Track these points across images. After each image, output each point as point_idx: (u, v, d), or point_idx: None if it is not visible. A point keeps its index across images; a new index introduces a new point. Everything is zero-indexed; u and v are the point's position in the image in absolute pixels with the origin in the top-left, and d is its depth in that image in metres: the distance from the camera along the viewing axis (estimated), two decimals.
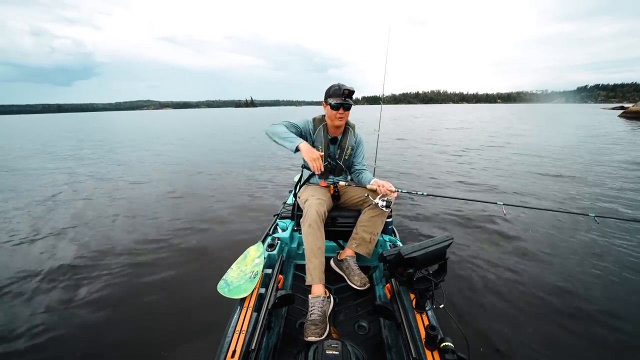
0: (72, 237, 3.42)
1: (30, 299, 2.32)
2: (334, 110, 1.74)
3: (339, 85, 1.73)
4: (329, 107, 1.76)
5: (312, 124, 1.88)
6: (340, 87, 1.72)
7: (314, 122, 1.89)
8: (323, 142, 1.86)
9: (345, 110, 1.75)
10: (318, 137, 1.87)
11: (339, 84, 1.74)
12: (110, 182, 5.99)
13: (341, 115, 1.76)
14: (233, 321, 1.21)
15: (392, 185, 1.69)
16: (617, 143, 10.41)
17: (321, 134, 1.86)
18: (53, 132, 21.93)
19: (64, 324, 2.05)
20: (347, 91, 1.70)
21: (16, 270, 2.71)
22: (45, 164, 8.33)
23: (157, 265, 2.78)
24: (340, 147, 1.91)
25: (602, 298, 2.27)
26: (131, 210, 4.29)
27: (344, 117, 1.77)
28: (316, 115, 1.92)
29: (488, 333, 1.94)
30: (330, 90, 1.76)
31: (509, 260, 2.82)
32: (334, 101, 1.72)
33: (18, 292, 2.40)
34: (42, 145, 13.05)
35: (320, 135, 1.86)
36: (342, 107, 1.73)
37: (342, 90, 1.70)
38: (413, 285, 1.25)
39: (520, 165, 7.02)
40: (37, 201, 4.78)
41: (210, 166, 7.52)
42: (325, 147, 1.87)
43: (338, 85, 1.74)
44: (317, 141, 1.87)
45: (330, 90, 1.76)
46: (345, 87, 1.71)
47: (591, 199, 4.50)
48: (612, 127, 17.15)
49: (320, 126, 1.86)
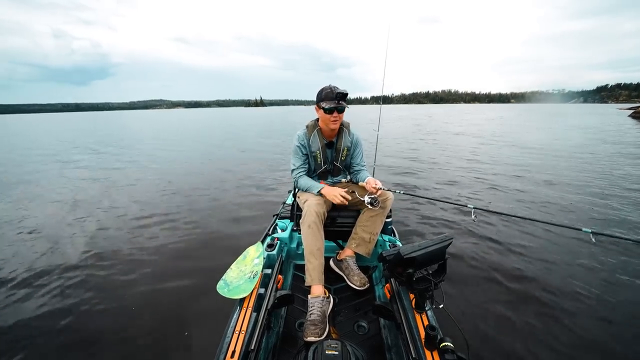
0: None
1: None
2: (327, 114, 1.70)
3: (332, 88, 1.68)
4: (322, 110, 1.71)
5: (305, 133, 1.86)
6: (332, 90, 1.67)
7: (307, 129, 1.86)
8: (319, 147, 1.85)
9: (339, 113, 1.71)
10: (313, 143, 1.84)
11: (331, 87, 1.69)
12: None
13: (335, 119, 1.72)
14: (232, 321, 1.21)
15: (379, 183, 1.69)
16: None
17: (316, 139, 1.84)
18: (101, 130, 21.98)
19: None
20: (340, 94, 1.66)
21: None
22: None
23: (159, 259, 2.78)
24: (336, 150, 1.89)
25: (607, 300, 2.28)
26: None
27: (338, 119, 1.74)
28: (308, 122, 1.90)
29: (488, 333, 1.94)
30: (322, 93, 1.70)
31: (509, 259, 2.83)
32: (327, 105, 1.67)
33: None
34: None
35: (315, 141, 1.84)
36: (336, 110, 1.69)
37: (335, 94, 1.66)
38: (413, 285, 1.24)
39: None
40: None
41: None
42: (323, 151, 1.86)
43: (330, 88, 1.68)
44: (314, 147, 1.85)
45: (322, 93, 1.70)
46: (338, 90, 1.66)
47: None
48: (614, 126, 17.23)
49: (314, 131, 1.83)
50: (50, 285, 2.48)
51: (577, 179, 5.65)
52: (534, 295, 2.32)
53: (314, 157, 1.87)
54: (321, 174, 1.95)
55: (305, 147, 1.86)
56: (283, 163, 7.70)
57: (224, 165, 7.61)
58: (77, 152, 10.53)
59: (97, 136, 16.91)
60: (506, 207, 4.31)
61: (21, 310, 2.18)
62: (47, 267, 2.75)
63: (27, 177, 6.63)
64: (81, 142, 14.01)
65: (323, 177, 1.97)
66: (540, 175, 5.93)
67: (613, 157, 7.74)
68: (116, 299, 2.32)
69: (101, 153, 10.21)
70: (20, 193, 5.33)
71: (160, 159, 8.68)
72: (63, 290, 2.42)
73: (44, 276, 2.62)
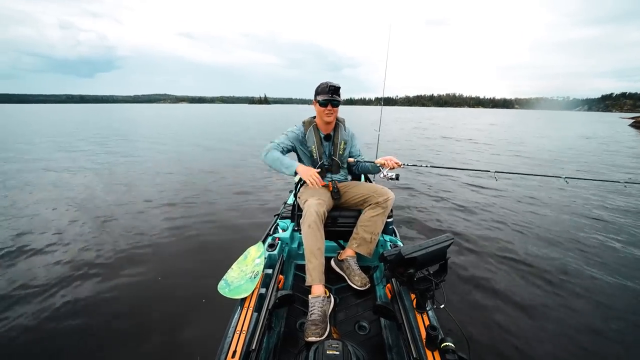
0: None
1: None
2: (322, 107, 1.81)
3: (327, 82, 1.80)
4: (318, 104, 1.83)
5: (302, 128, 1.93)
6: (327, 84, 1.79)
7: (304, 124, 1.94)
8: (315, 142, 1.90)
9: (333, 106, 1.80)
10: (309, 138, 1.90)
11: (327, 82, 1.80)
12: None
13: (329, 112, 1.81)
14: (233, 321, 1.21)
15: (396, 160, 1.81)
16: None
17: (312, 134, 1.90)
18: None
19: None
20: (332, 87, 1.77)
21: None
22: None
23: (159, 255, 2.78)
24: (333, 143, 1.94)
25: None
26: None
27: (332, 113, 1.82)
28: (305, 118, 1.97)
29: (489, 333, 1.94)
30: (318, 88, 1.84)
31: (508, 258, 2.82)
32: (321, 98, 1.79)
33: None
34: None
35: (311, 136, 1.90)
36: (330, 103, 1.79)
37: (328, 87, 1.77)
38: (414, 285, 1.24)
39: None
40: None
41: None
42: (319, 145, 1.91)
43: (326, 83, 1.81)
44: (309, 142, 1.90)
45: (319, 88, 1.83)
46: (331, 83, 1.78)
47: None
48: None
49: (311, 127, 1.91)
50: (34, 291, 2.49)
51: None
52: (534, 296, 2.32)
53: (309, 152, 1.92)
54: (319, 172, 1.95)
55: (300, 140, 1.91)
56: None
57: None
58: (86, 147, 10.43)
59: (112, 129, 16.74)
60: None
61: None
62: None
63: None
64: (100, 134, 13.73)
65: (321, 175, 1.97)
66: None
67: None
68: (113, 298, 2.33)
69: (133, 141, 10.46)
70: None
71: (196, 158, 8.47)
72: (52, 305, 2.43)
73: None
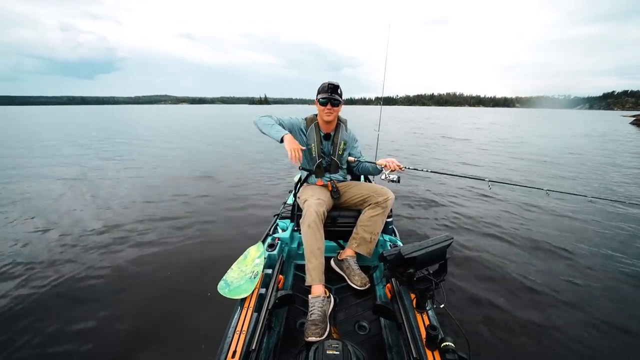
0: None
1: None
2: (322, 106, 1.83)
3: (328, 82, 1.83)
4: (318, 103, 1.85)
5: (304, 123, 1.95)
6: (327, 83, 1.82)
7: (306, 121, 1.96)
8: (315, 139, 1.92)
9: (333, 106, 1.81)
10: (310, 134, 1.93)
11: (328, 82, 1.83)
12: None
13: (329, 111, 1.82)
14: (233, 321, 1.21)
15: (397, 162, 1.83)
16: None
17: (313, 132, 1.92)
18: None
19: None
20: (331, 86, 1.79)
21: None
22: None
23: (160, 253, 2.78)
24: (333, 143, 1.95)
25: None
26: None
27: (332, 112, 1.83)
28: (308, 115, 1.98)
29: (489, 333, 1.94)
30: (319, 87, 1.87)
31: (509, 257, 2.82)
32: (321, 97, 1.81)
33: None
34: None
35: (312, 134, 1.92)
36: (329, 102, 1.80)
37: (328, 86, 1.80)
38: (413, 285, 1.24)
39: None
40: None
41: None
42: (318, 144, 1.92)
43: (327, 82, 1.83)
44: (310, 139, 1.93)
45: (320, 87, 1.86)
46: (331, 82, 1.81)
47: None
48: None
49: (312, 124, 1.93)
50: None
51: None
52: (534, 296, 2.32)
53: (309, 149, 1.93)
54: (317, 171, 1.98)
55: (293, 130, 1.90)
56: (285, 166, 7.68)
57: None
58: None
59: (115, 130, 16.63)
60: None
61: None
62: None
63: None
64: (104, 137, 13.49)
65: (319, 174, 1.99)
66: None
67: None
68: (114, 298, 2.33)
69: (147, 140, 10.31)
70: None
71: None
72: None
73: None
